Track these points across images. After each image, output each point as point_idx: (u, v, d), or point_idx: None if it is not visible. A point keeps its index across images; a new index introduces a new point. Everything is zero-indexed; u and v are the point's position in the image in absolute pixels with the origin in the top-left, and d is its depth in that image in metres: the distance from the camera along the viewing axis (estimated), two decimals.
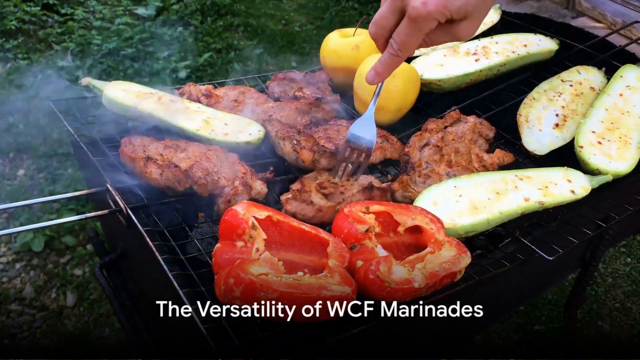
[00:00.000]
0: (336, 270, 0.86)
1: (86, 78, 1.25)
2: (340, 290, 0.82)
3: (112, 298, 1.08)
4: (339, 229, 0.91)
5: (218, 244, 0.86)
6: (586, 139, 1.23)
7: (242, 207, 0.88)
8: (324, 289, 0.81)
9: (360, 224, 0.91)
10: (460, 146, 1.25)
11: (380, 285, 0.84)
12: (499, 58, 1.44)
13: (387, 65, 0.92)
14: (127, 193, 1.04)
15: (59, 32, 4.49)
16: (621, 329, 2.72)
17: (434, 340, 1.23)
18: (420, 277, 0.88)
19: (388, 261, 0.88)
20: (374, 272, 0.85)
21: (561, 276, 1.47)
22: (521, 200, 1.11)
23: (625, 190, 1.22)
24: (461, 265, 0.93)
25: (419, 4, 0.80)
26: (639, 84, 1.37)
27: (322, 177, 1.17)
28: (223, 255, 0.85)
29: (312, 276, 0.84)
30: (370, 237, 0.91)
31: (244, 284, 0.77)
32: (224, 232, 0.86)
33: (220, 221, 0.87)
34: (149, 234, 0.93)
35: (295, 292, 0.79)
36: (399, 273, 0.87)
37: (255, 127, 1.24)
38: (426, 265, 0.90)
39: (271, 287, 0.78)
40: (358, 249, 0.90)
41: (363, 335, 0.90)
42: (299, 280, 0.82)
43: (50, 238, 2.98)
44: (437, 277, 0.89)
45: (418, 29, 0.84)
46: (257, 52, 4.62)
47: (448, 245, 0.95)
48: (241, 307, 0.79)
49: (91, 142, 1.18)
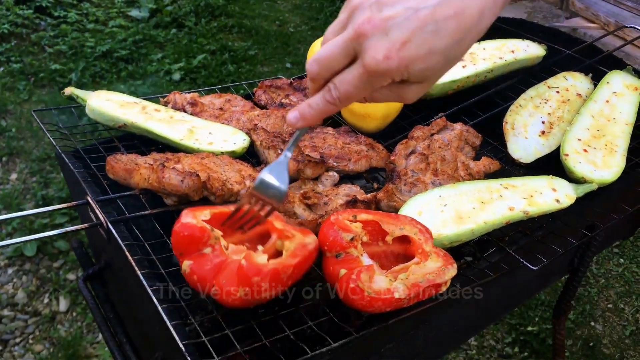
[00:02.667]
0: (288, 228, 0.92)
1: (69, 88, 1.24)
2: (313, 239, 0.91)
3: (95, 311, 1.07)
4: (324, 236, 0.91)
5: (187, 262, 0.84)
6: (572, 147, 1.23)
7: (189, 216, 0.86)
8: (306, 245, 0.89)
9: (346, 232, 0.91)
10: (447, 154, 1.25)
11: (361, 295, 0.84)
12: (486, 64, 1.44)
13: (319, 112, 0.77)
14: (108, 206, 1.03)
15: (52, 35, 4.47)
16: (614, 330, 2.73)
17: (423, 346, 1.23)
18: (402, 288, 0.87)
19: (370, 270, 0.87)
20: (354, 281, 0.85)
21: (550, 281, 1.47)
22: (506, 209, 1.10)
23: (611, 198, 1.22)
24: (446, 277, 0.92)
25: (381, 57, 0.67)
26: (625, 91, 1.37)
27: (306, 187, 1.17)
28: (204, 268, 0.84)
29: (289, 241, 0.90)
30: (356, 246, 0.91)
31: (270, 274, 0.83)
32: (186, 248, 0.85)
33: (177, 239, 0.85)
34: (128, 247, 0.92)
35: (300, 259, 0.87)
36: (381, 283, 0.87)
37: (240, 136, 1.23)
38: (409, 276, 0.90)
39: (288, 265, 0.85)
40: (343, 257, 0.90)
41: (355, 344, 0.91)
42: (289, 249, 0.88)
43: (42, 243, 2.97)
44: (420, 288, 0.89)
45: (369, 83, 0.71)
46: (252, 53, 4.61)
47: (435, 257, 0.94)
48: (268, 296, 0.85)
49: (74, 153, 1.17)
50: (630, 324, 2.75)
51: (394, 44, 0.67)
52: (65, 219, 3.03)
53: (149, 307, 0.93)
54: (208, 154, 1.15)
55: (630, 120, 1.31)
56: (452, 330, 1.28)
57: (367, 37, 0.68)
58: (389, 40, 0.67)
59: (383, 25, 0.67)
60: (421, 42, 0.67)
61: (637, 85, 1.39)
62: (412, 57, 0.67)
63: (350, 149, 1.26)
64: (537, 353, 2.61)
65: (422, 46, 0.67)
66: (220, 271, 0.83)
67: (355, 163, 1.23)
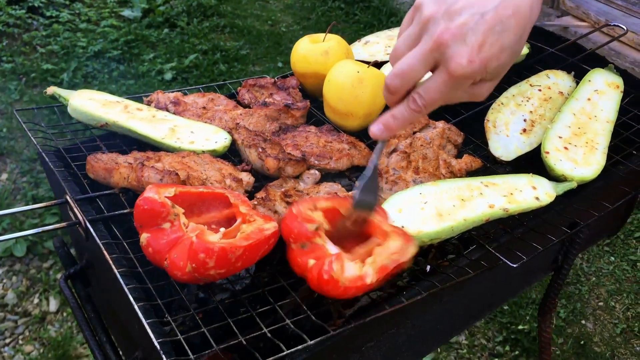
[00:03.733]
0: (252, 213, 0.95)
1: (51, 87, 1.24)
2: (273, 226, 0.93)
3: (76, 310, 1.07)
4: (288, 228, 0.92)
5: (145, 234, 0.88)
6: (552, 145, 1.23)
7: (152, 192, 0.90)
8: (263, 230, 0.91)
9: (310, 223, 0.92)
10: (428, 152, 1.25)
11: (335, 285, 0.86)
12: None
13: (404, 122, 0.82)
14: (88, 205, 1.03)
15: (44, 34, 4.46)
16: (605, 328, 2.74)
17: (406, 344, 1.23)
18: (372, 273, 0.90)
19: (340, 259, 0.89)
20: (327, 272, 0.87)
21: (534, 279, 1.47)
22: (486, 207, 1.11)
23: (591, 196, 1.22)
24: (408, 255, 0.95)
25: (465, 62, 0.73)
26: (607, 89, 1.38)
27: (287, 185, 1.17)
28: (159, 242, 0.88)
29: (247, 225, 0.93)
30: (320, 235, 0.93)
31: (217, 252, 0.84)
32: (146, 221, 0.89)
33: (138, 212, 0.89)
34: (106, 246, 0.92)
35: (252, 242, 0.87)
36: (352, 270, 0.89)
37: (222, 135, 1.24)
38: (376, 260, 0.92)
39: (237, 246, 0.85)
40: (309, 248, 0.91)
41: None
42: (245, 232, 0.90)
43: (32, 243, 2.96)
44: (387, 270, 0.92)
45: (454, 88, 0.77)
46: (243, 53, 4.60)
47: (394, 235, 0.97)
48: (216, 275, 0.86)
49: (55, 152, 1.17)
50: (621, 321, 2.76)
51: (473, 48, 0.73)
52: (55, 219, 3.02)
53: (127, 306, 0.93)
54: (189, 153, 1.15)
55: (611, 118, 1.32)
56: (435, 329, 1.29)
57: (448, 46, 0.73)
58: (467, 45, 0.73)
59: (460, 32, 0.73)
60: (494, 42, 0.73)
61: (619, 84, 1.40)
62: (489, 57, 0.74)
63: (332, 148, 1.26)
64: (527, 351, 2.62)
65: (495, 45, 0.73)
66: (175, 246, 0.86)
67: (337, 161, 1.23)
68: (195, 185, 1.03)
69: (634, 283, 2.97)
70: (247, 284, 1.12)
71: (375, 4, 5.41)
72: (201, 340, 0.87)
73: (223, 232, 0.92)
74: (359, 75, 1.31)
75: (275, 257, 1.09)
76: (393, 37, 1.62)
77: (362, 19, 5.23)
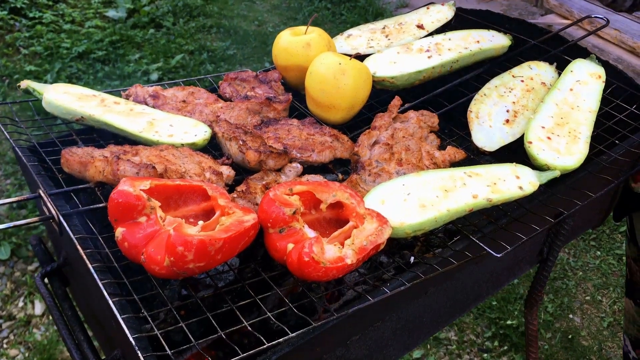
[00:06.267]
0: (232, 206, 0.93)
1: (25, 81, 1.21)
2: (253, 217, 0.91)
3: (53, 308, 1.05)
4: (266, 214, 0.92)
5: (120, 229, 0.86)
6: (535, 135, 1.23)
7: (127, 185, 0.88)
8: (242, 222, 0.89)
9: (287, 207, 0.92)
10: (411, 144, 1.24)
11: (315, 267, 0.86)
12: (451, 55, 1.43)
13: None
14: (62, 200, 1.01)
15: (26, 36, 4.40)
16: (592, 322, 2.75)
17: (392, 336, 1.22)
18: (352, 254, 0.91)
19: (319, 242, 0.90)
20: (308, 254, 0.86)
21: (520, 271, 1.47)
22: (469, 197, 1.10)
23: (575, 186, 1.22)
24: (384, 237, 0.96)
25: None
26: (589, 79, 1.37)
27: (268, 178, 1.15)
28: (135, 236, 0.86)
29: (226, 217, 0.91)
30: (298, 219, 0.93)
31: (195, 245, 0.81)
32: (121, 215, 0.86)
33: (112, 205, 0.86)
34: (80, 241, 0.90)
35: (232, 234, 0.85)
36: (331, 252, 0.90)
37: (202, 128, 1.21)
38: (354, 241, 0.94)
39: (216, 238, 0.83)
40: (287, 232, 0.91)
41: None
42: (224, 224, 0.89)
43: (16, 246, 2.91)
44: (366, 250, 0.93)
45: None
46: (230, 53, 4.58)
47: (370, 218, 0.98)
48: (195, 268, 0.83)
49: (29, 148, 1.14)
50: (608, 315, 2.77)
51: None
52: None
53: (102, 302, 0.90)
54: (167, 146, 1.13)
55: (593, 107, 1.32)
56: (421, 321, 1.27)
57: None
58: None
59: None
60: None
61: (601, 74, 1.40)
62: None
63: (314, 140, 1.25)
64: (516, 346, 2.62)
65: None
66: (151, 240, 0.84)
67: (319, 154, 1.22)
68: (172, 178, 1.01)
69: (620, 277, 2.98)
70: (230, 280, 1.10)
71: (362, 3, 5.41)
72: (182, 338, 0.85)
73: (202, 225, 0.90)
74: (341, 67, 1.30)
75: (258, 254, 1.08)
76: (375, 31, 1.61)
77: (349, 18, 5.23)
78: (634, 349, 1.56)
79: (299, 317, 0.90)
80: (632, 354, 1.57)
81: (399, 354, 1.26)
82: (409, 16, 1.66)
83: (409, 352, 1.42)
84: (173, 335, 0.97)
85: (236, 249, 0.89)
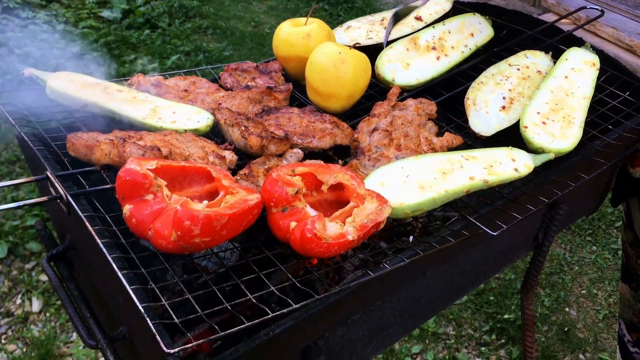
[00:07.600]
0: (235, 186, 0.95)
1: (28, 69, 1.23)
2: (256, 197, 0.93)
3: (60, 289, 1.06)
4: (269, 193, 0.94)
5: (128, 206, 0.88)
6: (531, 120, 1.26)
7: (134, 163, 0.91)
8: (247, 201, 0.91)
9: (290, 187, 0.95)
10: (409, 130, 1.27)
11: (318, 242, 0.89)
12: (456, 55, 1.48)
13: None
14: (69, 181, 1.02)
15: (20, 36, 4.41)
16: (587, 315, 2.78)
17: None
18: (353, 230, 0.94)
19: (321, 219, 0.93)
20: (310, 231, 0.89)
21: (515, 256, 1.49)
22: (466, 179, 1.12)
23: (569, 169, 1.25)
24: (384, 215, 0.99)
25: None
26: (583, 67, 1.41)
27: (270, 163, 1.17)
28: (143, 212, 0.88)
29: (230, 196, 0.93)
30: (300, 199, 0.96)
31: (202, 220, 0.83)
32: (128, 193, 0.88)
33: (120, 183, 0.89)
34: (89, 219, 0.92)
35: (237, 211, 0.87)
36: (333, 229, 0.93)
37: (205, 115, 1.24)
38: (355, 219, 0.96)
39: (222, 214, 0.85)
40: (289, 211, 0.94)
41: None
42: (229, 202, 0.91)
43: (14, 244, 2.92)
44: (367, 228, 0.95)
45: None
46: (227, 54, 4.60)
47: (370, 198, 1.01)
48: (201, 243, 0.86)
49: (35, 134, 1.16)
50: (603, 308, 2.80)
51: None
52: (37, 210, 3.00)
53: (110, 278, 0.92)
54: (171, 132, 1.15)
55: (587, 94, 1.35)
56: (420, 303, 1.30)
57: None
58: None
59: None
60: None
61: (595, 62, 1.43)
62: None
63: (314, 127, 1.27)
64: (513, 339, 2.65)
65: None
66: (159, 216, 0.86)
67: (320, 140, 1.24)
68: (177, 160, 1.03)
69: (615, 271, 3.02)
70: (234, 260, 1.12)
71: (359, 5, 5.46)
72: (189, 311, 0.87)
73: (207, 203, 0.92)
74: (340, 56, 1.33)
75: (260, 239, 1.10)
76: (375, 22, 1.64)
77: (346, 19, 5.27)
78: (629, 332, 1.59)
79: (301, 296, 0.92)
80: (627, 337, 1.59)
81: (398, 336, 1.28)
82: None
83: (408, 333, 1.44)
84: (179, 310, 0.98)
85: (240, 226, 0.91)
